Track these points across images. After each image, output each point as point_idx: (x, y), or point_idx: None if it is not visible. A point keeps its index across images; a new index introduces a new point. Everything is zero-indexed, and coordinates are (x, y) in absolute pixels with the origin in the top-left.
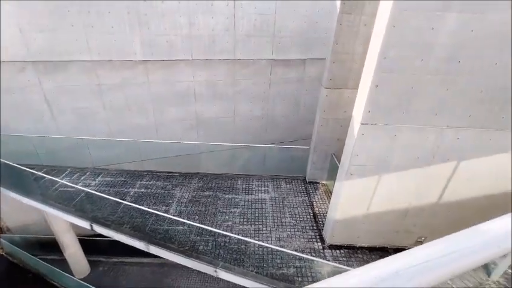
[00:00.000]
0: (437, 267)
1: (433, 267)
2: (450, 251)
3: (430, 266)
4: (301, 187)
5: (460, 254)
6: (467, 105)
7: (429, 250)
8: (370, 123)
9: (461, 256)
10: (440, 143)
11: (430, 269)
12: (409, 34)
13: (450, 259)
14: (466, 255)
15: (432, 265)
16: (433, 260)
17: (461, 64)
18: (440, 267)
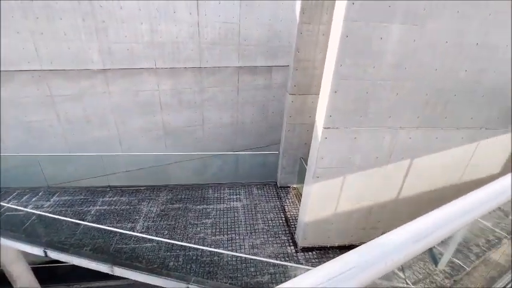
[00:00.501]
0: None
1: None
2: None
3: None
4: (273, 192)
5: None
6: (415, 108)
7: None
8: (332, 127)
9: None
10: (395, 143)
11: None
12: (361, 43)
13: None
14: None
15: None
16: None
17: (407, 70)
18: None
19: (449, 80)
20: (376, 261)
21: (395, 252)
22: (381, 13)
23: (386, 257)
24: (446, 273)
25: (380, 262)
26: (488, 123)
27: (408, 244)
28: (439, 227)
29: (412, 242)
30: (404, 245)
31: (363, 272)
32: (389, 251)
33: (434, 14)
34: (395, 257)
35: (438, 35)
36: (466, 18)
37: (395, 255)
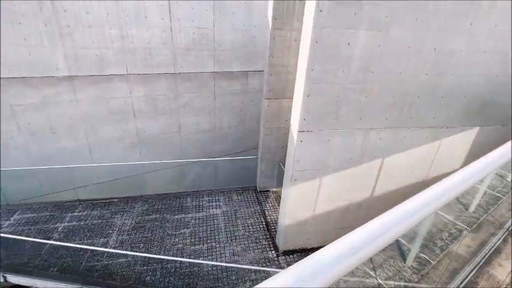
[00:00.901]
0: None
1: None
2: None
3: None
4: (253, 197)
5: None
6: (383, 109)
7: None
8: (306, 131)
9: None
10: (367, 144)
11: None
12: (330, 48)
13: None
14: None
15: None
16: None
17: (374, 74)
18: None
19: (412, 83)
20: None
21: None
22: (348, 20)
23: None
24: (414, 269)
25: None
26: (448, 122)
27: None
28: (383, 232)
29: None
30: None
31: (328, 269)
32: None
33: (395, 21)
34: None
35: (400, 41)
36: (424, 25)
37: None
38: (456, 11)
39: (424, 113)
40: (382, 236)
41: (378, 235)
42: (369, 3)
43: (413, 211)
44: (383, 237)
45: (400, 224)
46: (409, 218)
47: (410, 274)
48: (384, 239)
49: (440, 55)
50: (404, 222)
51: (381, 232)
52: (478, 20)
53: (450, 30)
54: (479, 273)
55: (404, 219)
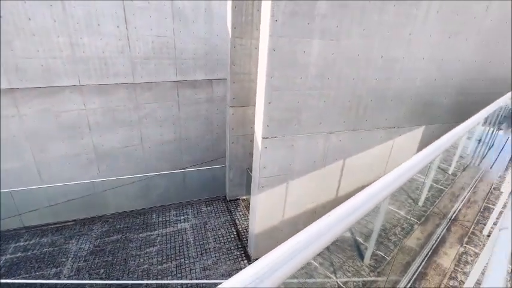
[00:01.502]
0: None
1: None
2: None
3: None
4: (223, 207)
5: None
6: (341, 113)
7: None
8: (270, 137)
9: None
10: (328, 147)
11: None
12: (288, 56)
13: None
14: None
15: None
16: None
17: (330, 80)
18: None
19: (365, 87)
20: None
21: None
22: (302, 30)
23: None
24: (371, 267)
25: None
26: (398, 123)
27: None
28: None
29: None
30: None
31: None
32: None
33: (344, 31)
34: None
35: (351, 49)
36: (371, 35)
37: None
38: (396, 23)
39: (377, 115)
40: (321, 237)
41: (317, 237)
42: (320, 15)
43: (351, 211)
44: (322, 238)
45: (339, 225)
46: (347, 218)
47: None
48: (323, 240)
49: (387, 62)
50: (342, 222)
51: (319, 234)
52: (415, 31)
53: (393, 40)
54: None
55: (342, 220)
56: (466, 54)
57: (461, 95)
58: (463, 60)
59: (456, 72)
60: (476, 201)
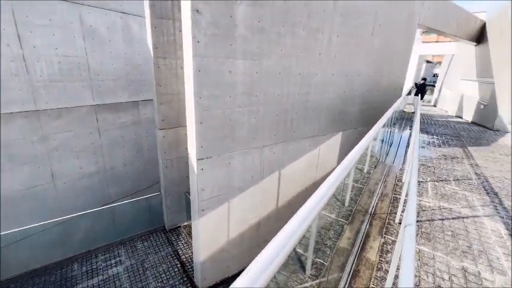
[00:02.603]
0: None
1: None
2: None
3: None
4: (162, 239)
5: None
6: (271, 127)
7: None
8: (205, 157)
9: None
10: (264, 160)
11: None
12: (214, 76)
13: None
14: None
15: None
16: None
17: (257, 97)
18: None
19: (289, 102)
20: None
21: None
22: (225, 51)
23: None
24: (312, 277)
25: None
26: (320, 131)
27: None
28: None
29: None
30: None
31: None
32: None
33: (265, 52)
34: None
35: (273, 68)
36: (288, 56)
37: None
38: (308, 45)
39: (302, 126)
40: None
41: (273, 259)
42: (241, 37)
43: (297, 226)
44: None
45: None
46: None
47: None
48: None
49: (304, 78)
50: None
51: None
52: (323, 52)
53: (307, 59)
54: (359, 261)
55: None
56: (363, 70)
57: (364, 103)
58: (362, 75)
59: (358, 85)
60: (387, 194)
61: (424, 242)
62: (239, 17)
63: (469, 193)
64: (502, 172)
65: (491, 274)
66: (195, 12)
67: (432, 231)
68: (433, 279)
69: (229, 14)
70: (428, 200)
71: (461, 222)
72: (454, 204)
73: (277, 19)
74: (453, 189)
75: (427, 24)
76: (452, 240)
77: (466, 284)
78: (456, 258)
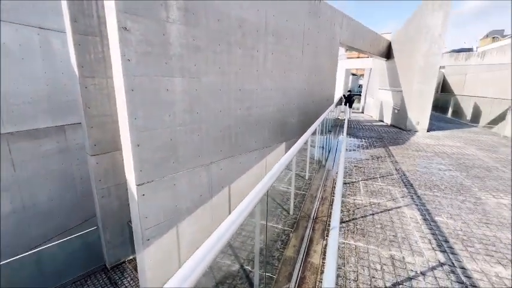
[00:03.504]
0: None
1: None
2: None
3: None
4: (103, 280)
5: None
6: (216, 143)
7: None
8: (146, 182)
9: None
10: (212, 177)
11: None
12: (150, 95)
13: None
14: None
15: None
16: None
17: (199, 114)
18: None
19: (232, 117)
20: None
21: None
22: (161, 69)
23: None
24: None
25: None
26: (265, 143)
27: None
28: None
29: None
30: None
31: None
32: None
33: (203, 70)
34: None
35: (212, 84)
36: (227, 73)
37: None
38: (245, 62)
39: (247, 139)
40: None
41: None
42: (176, 55)
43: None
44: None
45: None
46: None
47: None
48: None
49: (245, 93)
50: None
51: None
52: (260, 68)
53: (246, 75)
54: (305, 267)
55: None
56: (298, 84)
57: (302, 114)
58: (297, 89)
59: (295, 98)
60: (327, 197)
61: (359, 238)
62: (173, 36)
63: (392, 187)
64: (414, 166)
65: (413, 257)
66: (123, 30)
67: (365, 226)
68: (368, 271)
69: (161, 32)
70: (361, 198)
71: (388, 214)
72: (381, 199)
73: (212, 38)
74: (380, 186)
75: (347, 43)
76: (382, 232)
77: (394, 270)
78: (385, 248)
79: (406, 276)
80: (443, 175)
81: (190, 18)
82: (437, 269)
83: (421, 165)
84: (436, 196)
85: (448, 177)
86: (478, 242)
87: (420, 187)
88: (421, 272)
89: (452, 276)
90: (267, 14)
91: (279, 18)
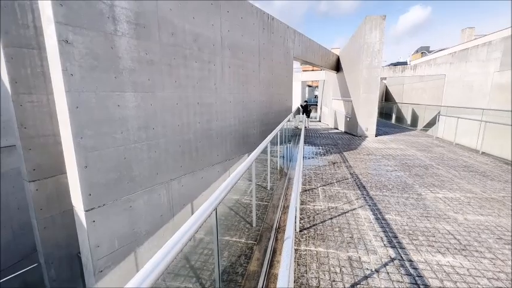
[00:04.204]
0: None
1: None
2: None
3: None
4: None
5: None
6: (176, 159)
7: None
8: (96, 207)
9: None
10: (172, 195)
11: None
12: (98, 112)
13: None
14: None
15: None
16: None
17: (156, 130)
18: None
19: (191, 131)
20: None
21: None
22: (109, 83)
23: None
24: None
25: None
26: (228, 156)
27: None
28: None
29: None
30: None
31: None
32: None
33: (158, 84)
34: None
35: (169, 99)
36: (183, 86)
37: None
38: (202, 76)
39: (209, 153)
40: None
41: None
42: (127, 69)
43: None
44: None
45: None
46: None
47: None
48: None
49: (204, 107)
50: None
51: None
52: (218, 81)
53: (203, 89)
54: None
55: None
56: (257, 96)
57: (263, 125)
58: (256, 101)
59: (255, 110)
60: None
61: (320, 243)
62: (122, 49)
63: (347, 191)
64: (366, 169)
65: (368, 256)
66: (64, 43)
67: (325, 231)
68: (329, 275)
69: (109, 45)
70: (320, 204)
71: (345, 217)
72: (338, 203)
73: (167, 52)
74: (337, 190)
75: (300, 57)
76: (340, 235)
77: (352, 271)
78: (343, 250)
79: (362, 275)
80: (390, 176)
81: (141, 32)
82: (389, 265)
83: (371, 168)
84: (385, 196)
85: (394, 177)
86: (421, 234)
87: (372, 188)
88: (375, 270)
89: (402, 269)
90: (222, 29)
91: (234, 33)
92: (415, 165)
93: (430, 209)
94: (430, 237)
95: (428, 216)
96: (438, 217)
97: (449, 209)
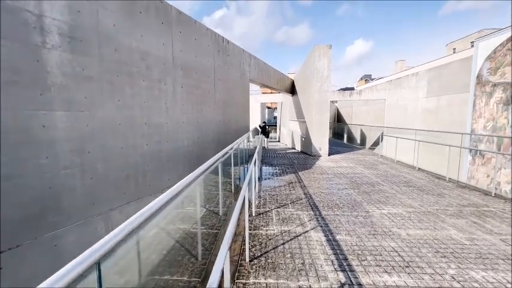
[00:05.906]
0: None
1: None
2: None
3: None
4: None
5: None
6: (118, 185)
7: None
8: (7, 249)
9: None
10: (113, 227)
11: None
12: (16, 134)
13: None
14: None
15: None
16: None
17: (92, 153)
18: None
19: (138, 154)
20: None
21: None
22: (34, 101)
23: None
24: None
25: None
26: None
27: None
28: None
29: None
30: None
31: None
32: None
33: (97, 103)
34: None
35: (111, 119)
36: (129, 106)
37: None
38: (151, 95)
39: (159, 177)
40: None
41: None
42: (57, 85)
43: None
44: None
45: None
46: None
47: None
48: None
49: (152, 128)
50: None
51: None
52: (169, 101)
53: (153, 109)
54: None
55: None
56: (212, 116)
57: (219, 146)
58: (212, 121)
59: (211, 130)
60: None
61: (270, 273)
62: (52, 63)
63: (301, 212)
64: (319, 188)
65: (318, 284)
66: None
67: (276, 258)
68: None
69: (35, 58)
70: (273, 228)
71: (297, 241)
72: (291, 226)
73: (109, 68)
74: (290, 212)
75: (256, 80)
76: (291, 262)
77: None
78: (294, 279)
79: None
80: (342, 194)
81: (77, 46)
82: None
83: (324, 187)
84: (336, 215)
85: (345, 195)
86: (369, 253)
87: (324, 208)
88: None
89: None
90: (174, 48)
91: (187, 54)
92: (363, 182)
93: (377, 225)
94: (377, 256)
95: (375, 233)
96: (384, 234)
97: (394, 225)
